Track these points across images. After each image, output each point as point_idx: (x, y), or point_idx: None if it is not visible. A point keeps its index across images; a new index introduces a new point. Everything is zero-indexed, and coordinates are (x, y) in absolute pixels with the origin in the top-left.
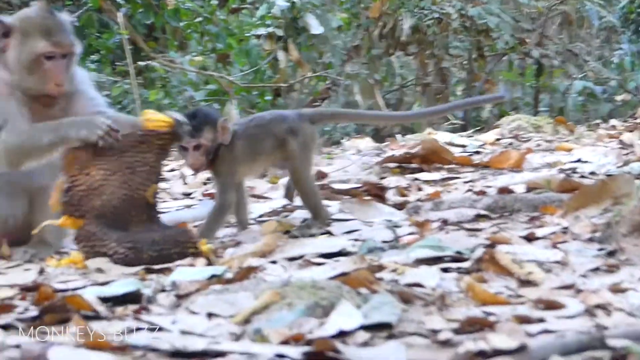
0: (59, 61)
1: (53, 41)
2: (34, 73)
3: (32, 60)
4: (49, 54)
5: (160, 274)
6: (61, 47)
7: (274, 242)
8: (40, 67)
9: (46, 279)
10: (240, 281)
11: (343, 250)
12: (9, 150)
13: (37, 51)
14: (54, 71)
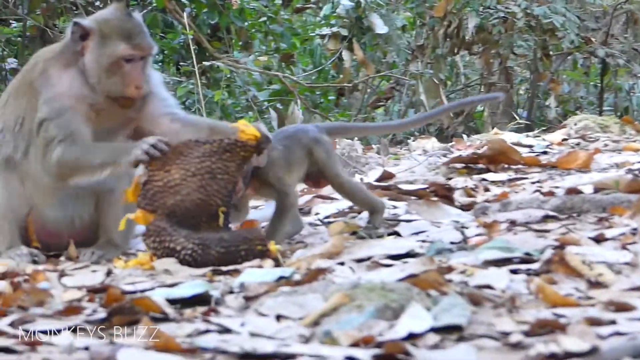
0: (137, 63)
1: (133, 44)
2: (113, 76)
3: (112, 64)
4: (129, 56)
5: (228, 276)
6: (141, 50)
7: (342, 243)
8: (120, 69)
9: (114, 280)
10: (308, 283)
11: (411, 252)
12: (62, 164)
13: (118, 54)
14: (133, 74)
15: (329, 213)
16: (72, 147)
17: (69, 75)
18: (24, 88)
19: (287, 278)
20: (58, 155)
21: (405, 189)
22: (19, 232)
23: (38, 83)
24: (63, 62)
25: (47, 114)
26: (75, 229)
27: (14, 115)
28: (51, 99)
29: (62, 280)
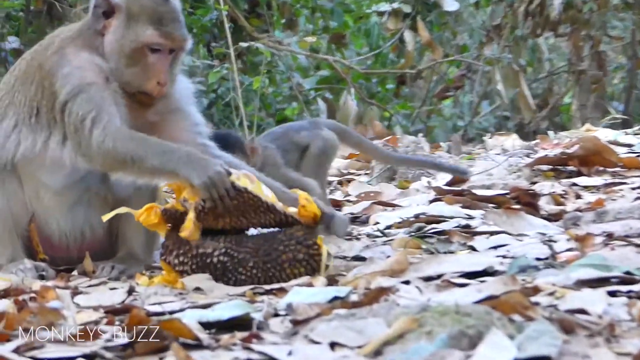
0: (165, 56)
1: (163, 31)
2: (134, 65)
3: (135, 50)
4: (156, 45)
5: (273, 295)
6: (171, 40)
7: (407, 258)
8: (143, 59)
9: (137, 300)
10: (368, 305)
11: (489, 269)
12: (107, 154)
13: (143, 40)
14: (158, 67)
15: (391, 222)
16: (119, 135)
17: (88, 55)
18: (33, 71)
19: (342, 299)
20: (98, 140)
21: (481, 195)
22: (21, 242)
23: (50, 63)
24: (81, 42)
25: (68, 93)
26: (86, 239)
27: (26, 105)
28: (69, 74)
29: (75, 299)
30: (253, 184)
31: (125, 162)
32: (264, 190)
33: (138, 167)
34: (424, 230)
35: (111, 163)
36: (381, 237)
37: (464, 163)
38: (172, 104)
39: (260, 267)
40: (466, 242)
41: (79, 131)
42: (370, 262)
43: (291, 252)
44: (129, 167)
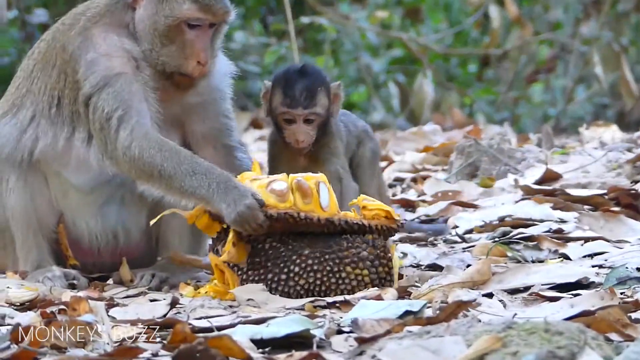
0: (205, 31)
1: (201, 4)
2: (170, 44)
3: (171, 27)
4: (195, 21)
5: (336, 309)
6: (212, 14)
7: (489, 268)
8: (181, 36)
9: (180, 313)
10: (445, 321)
11: (584, 281)
12: (133, 162)
13: (180, 15)
14: (197, 45)
15: (472, 226)
16: (144, 136)
17: (116, 36)
18: (55, 54)
19: (415, 314)
20: (124, 145)
21: (576, 195)
22: (49, 245)
23: (74, 46)
24: (109, 21)
25: (93, 86)
26: (119, 244)
27: (46, 93)
28: (94, 62)
29: (110, 312)
30: (307, 200)
31: (153, 175)
32: (321, 200)
33: (166, 183)
34: (510, 235)
35: (138, 172)
36: (460, 242)
37: (555, 158)
38: (212, 87)
39: (317, 258)
40: (558, 250)
41: (104, 130)
42: (448, 271)
43: (354, 249)
44: (156, 181)
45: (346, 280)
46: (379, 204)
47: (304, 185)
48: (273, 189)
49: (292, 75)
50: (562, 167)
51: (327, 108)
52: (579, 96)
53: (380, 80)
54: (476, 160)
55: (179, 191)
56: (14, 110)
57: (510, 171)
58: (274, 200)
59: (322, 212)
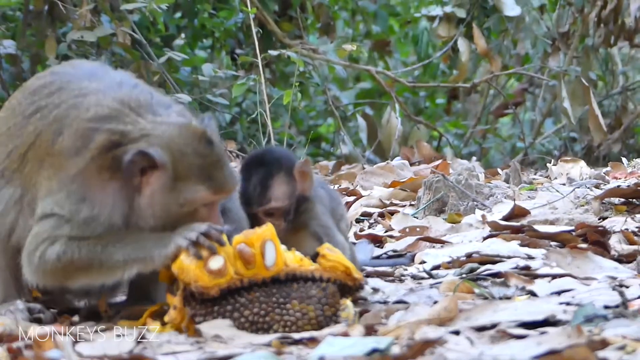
0: (216, 204)
1: (217, 187)
2: (181, 219)
3: (186, 211)
4: (210, 202)
5: (302, 346)
6: (225, 193)
7: (457, 304)
8: (192, 213)
9: (147, 348)
10: (412, 359)
11: (551, 318)
12: (64, 263)
13: (196, 202)
14: (208, 218)
15: (439, 262)
16: (83, 242)
17: (112, 196)
18: (52, 162)
19: (382, 351)
20: (59, 250)
21: (544, 231)
22: (14, 280)
23: (71, 178)
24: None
25: (68, 214)
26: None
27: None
28: (80, 209)
29: (77, 347)
30: (250, 265)
31: (86, 268)
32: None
33: (101, 270)
34: (477, 271)
35: (67, 272)
36: (427, 278)
37: (523, 194)
38: None
39: (266, 292)
40: (525, 286)
41: (44, 241)
42: (415, 308)
43: (303, 287)
44: (88, 274)
45: (290, 312)
46: (340, 257)
47: (246, 252)
48: (210, 268)
49: (249, 168)
50: (529, 203)
51: (290, 194)
52: (547, 130)
53: (348, 112)
54: (444, 195)
55: (115, 269)
56: (3, 182)
57: (478, 207)
58: (210, 278)
59: (267, 272)
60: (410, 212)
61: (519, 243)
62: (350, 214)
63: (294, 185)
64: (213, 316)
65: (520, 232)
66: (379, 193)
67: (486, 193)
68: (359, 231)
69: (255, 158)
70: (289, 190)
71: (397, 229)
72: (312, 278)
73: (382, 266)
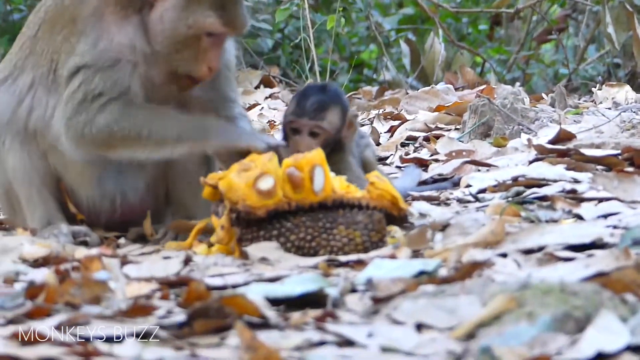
0: (222, 40)
1: (226, 19)
2: (185, 49)
3: (192, 36)
4: (216, 32)
5: (350, 268)
6: (234, 28)
7: (504, 227)
8: (197, 43)
9: (194, 271)
10: (460, 280)
11: (598, 241)
12: (112, 131)
13: (204, 27)
14: (212, 52)
15: (485, 185)
16: (136, 110)
17: (130, 27)
18: (62, 21)
19: (430, 273)
20: (109, 117)
21: (590, 155)
22: (56, 203)
23: (85, 22)
24: (125, 8)
25: (90, 60)
26: (116, 211)
27: (47, 57)
28: (100, 46)
29: (124, 270)
30: (298, 189)
31: (134, 139)
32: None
33: (151, 142)
34: (523, 195)
35: (113, 142)
36: (474, 202)
37: (569, 118)
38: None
39: (312, 216)
40: (572, 210)
41: (82, 104)
42: (462, 230)
43: (350, 213)
44: (137, 145)
45: (337, 237)
46: (388, 186)
47: (295, 175)
48: (259, 188)
49: (310, 90)
50: (575, 127)
51: (338, 129)
52: (590, 56)
53: (391, 38)
54: (489, 119)
55: (164, 143)
56: (15, 74)
57: (523, 131)
58: (259, 199)
59: (315, 197)
60: (455, 136)
61: (565, 167)
62: (395, 138)
63: (342, 123)
64: (259, 240)
65: (566, 156)
66: (424, 117)
67: (532, 117)
68: (404, 155)
69: (318, 85)
70: (338, 124)
71: (442, 153)
72: (359, 205)
73: (427, 191)
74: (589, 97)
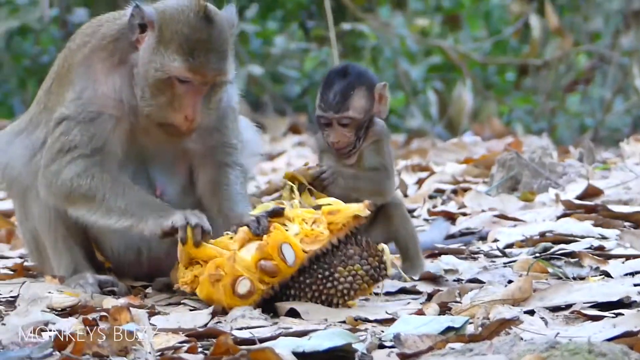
0: (196, 88)
1: (192, 65)
2: (160, 95)
3: (161, 80)
4: (184, 79)
5: (377, 324)
6: (201, 76)
7: (531, 285)
8: (171, 89)
9: (221, 323)
10: (488, 339)
11: (626, 300)
12: (74, 187)
13: (169, 72)
14: (186, 100)
15: (513, 240)
16: (98, 172)
17: (117, 75)
18: (64, 73)
19: (457, 330)
20: (74, 172)
21: (617, 211)
22: (83, 250)
23: (76, 71)
24: (113, 55)
25: (73, 112)
26: (142, 262)
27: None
28: (85, 97)
29: (152, 320)
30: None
31: (89, 200)
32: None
33: (101, 208)
34: (551, 250)
35: (72, 198)
36: (501, 257)
37: (597, 173)
38: (211, 127)
39: (307, 271)
40: (599, 267)
41: (59, 153)
42: (489, 287)
43: (340, 251)
44: (90, 207)
45: (341, 279)
46: (344, 210)
47: (268, 267)
48: (239, 293)
49: (331, 78)
50: (603, 183)
51: (367, 110)
52: (617, 107)
53: (418, 87)
54: (517, 173)
55: (111, 213)
56: (30, 129)
57: (551, 185)
58: (243, 302)
59: (292, 269)
60: (483, 189)
61: (592, 223)
62: (422, 191)
63: (372, 102)
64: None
65: (594, 212)
66: (451, 169)
67: (559, 172)
68: (432, 207)
69: (338, 70)
70: (366, 105)
71: (470, 206)
72: (334, 246)
73: (453, 244)
74: (615, 150)
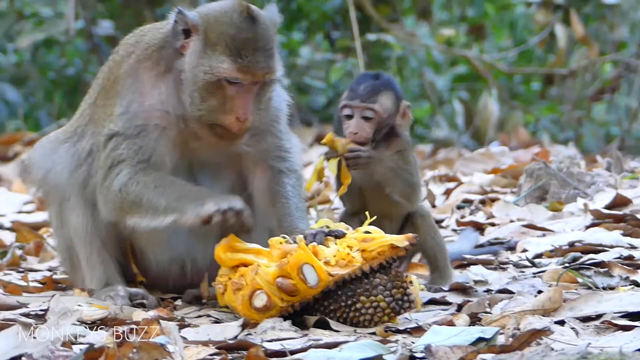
0: (247, 88)
1: (242, 65)
2: (210, 98)
3: (210, 82)
4: (234, 79)
5: (407, 334)
6: (252, 75)
7: (561, 295)
8: (221, 92)
9: (252, 335)
10: (519, 349)
11: None
12: (123, 196)
13: (219, 73)
14: (237, 101)
15: (542, 250)
16: (142, 177)
17: (163, 84)
18: (110, 84)
19: (488, 341)
20: (121, 182)
21: None
22: (116, 264)
23: (122, 83)
24: (159, 63)
25: (122, 128)
26: (186, 274)
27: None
28: (132, 111)
29: (182, 333)
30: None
31: (137, 206)
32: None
33: (147, 210)
34: (580, 260)
35: (124, 207)
36: (530, 267)
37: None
38: (262, 129)
39: (331, 296)
40: (629, 276)
41: (110, 168)
42: (519, 297)
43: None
44: (139, 213)
45: (362, 310)
46: (379, 238)
47: (285, 285)
48: (255, 307)
49: (364, 77)
50: (631, 192)
51: (390, 114)
52: None
53: (444, 97)
54: (545, 183)
55: (157, 213)
56: (75, 139)
57: (579, 195)
58: (260, 315)
59: (314, 290)
60: (511, 199)
61: (621, 232)
62: (450, 201)
63: (396, 110)
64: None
65: (623, 221)
66: (479, 179)
67: (588, 181)
68: (460, 218)
69: (370, 73)
70: (391, 108)
71: (498, 217)
72: (364, 273)
73: (482, 255)
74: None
